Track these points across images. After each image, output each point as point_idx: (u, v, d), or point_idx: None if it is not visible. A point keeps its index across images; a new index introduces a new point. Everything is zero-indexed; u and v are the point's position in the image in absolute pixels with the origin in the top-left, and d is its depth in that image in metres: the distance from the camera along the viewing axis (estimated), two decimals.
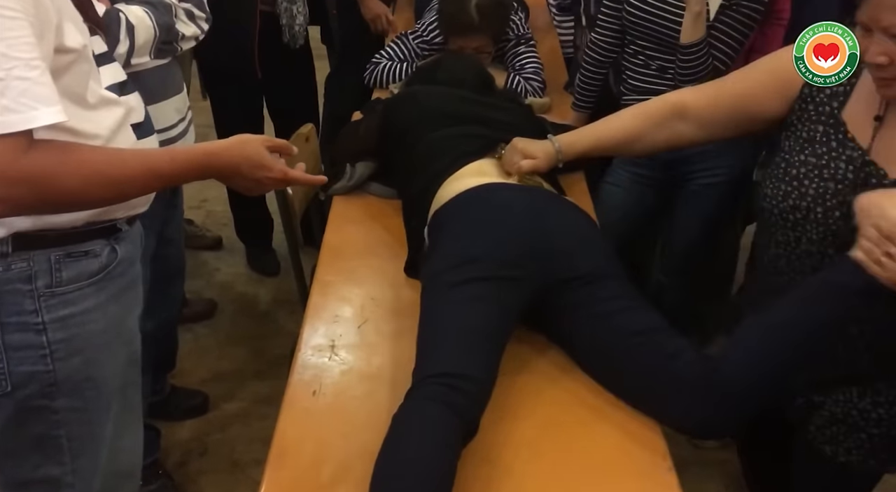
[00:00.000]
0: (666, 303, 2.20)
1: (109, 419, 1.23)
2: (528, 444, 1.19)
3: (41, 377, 1.11)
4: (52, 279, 1.10)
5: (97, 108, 1.10)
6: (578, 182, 1.90)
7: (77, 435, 1.18)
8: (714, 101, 1.35)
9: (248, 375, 2.40)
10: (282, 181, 1.23)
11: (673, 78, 1.86)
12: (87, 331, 1.14)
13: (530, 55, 2.41)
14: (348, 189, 1.86)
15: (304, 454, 1.16)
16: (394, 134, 1.78)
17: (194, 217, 3.09)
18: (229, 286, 2.83)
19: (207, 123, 2.65)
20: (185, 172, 1.14)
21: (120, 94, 1.17)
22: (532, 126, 1.78)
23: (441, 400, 1.12)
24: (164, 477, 1.96)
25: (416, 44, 2.43)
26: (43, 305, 1.09)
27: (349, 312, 1.48)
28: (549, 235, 1.36)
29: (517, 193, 1.46)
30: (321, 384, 1.30)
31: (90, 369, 1.16)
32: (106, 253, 1.16)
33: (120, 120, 1.14)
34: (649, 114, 1.43)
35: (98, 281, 1.15)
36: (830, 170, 1.16)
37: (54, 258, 1.10)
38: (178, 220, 1.91)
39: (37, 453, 1.17)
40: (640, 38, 1.90)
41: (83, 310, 1.13)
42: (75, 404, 1.16)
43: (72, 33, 1.03)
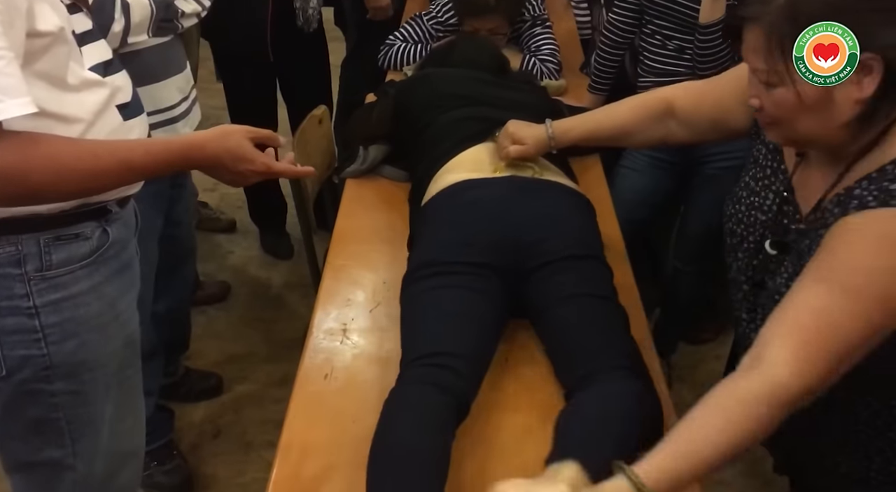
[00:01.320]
0: (682, 289, 2.19)
1: (108, 401, 1.23)
2: (528, 428, 1.18)
3: (36, 361, 1.11)
4: (42, 263, 1.09)
5: (79, 90, 1.07)
6: (594, 166, 1.88)
7: (76, 417, 1.18)
8: (697, 104, 1.30)
9: (261, 357, 2.40)
10: (265, 174, 1.19)
11: (691, 59, 1.83)
12: (81, 314, 1.13)
13: (546, 37, 2.38)
14: (361, 172, 1.84)
15: (315, 437, 1.16)
16: (406, 117, 1.76)
17: (208, 200, 3.10)
18: (243, 269, 2.84)
19: (221, 106, 2.65)
20: (161, 165, 1.11)
21: (105, 74, 1.15)
22: (547, 108, 1.75)
23: (430, 381, 1.12)
24: (178, 458, 1.97)
25: (431, 25, 2.41)
26: (34, 289, 1.08)
27: (361, 295, 1.47)
28: (515, 226, 1.35)
29: (486, 190, 1.44)
30: (333, 368, 1.30)
31: (86, 352, 1.15)
32: (97, 235, 1.14)
33: (104, 101, 1.11)
34: (647, 108, 1.38)
35: (90, 263, 1.14)
36: (760, 198, 1.10)
37: (44, 242, 1.08)
38: (185, 199, 1.90)
39: (37, 436, 1.18)
40: (657, 18, 1.87)
41: (76, 293, 1.12)
42: (72, 387, 1.16)
43: (46, 15, 1.00)
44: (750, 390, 0.86)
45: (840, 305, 0.87)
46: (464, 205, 1.42)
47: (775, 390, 0.85)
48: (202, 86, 2.06)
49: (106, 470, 1.27)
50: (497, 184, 1.46)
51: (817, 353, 0.86)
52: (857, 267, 0.88)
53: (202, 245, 2.60)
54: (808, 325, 0.87)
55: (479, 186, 1.46)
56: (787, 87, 0.93)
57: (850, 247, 0.90)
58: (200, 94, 1.90)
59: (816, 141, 0.98)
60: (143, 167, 1.09)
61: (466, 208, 1.41)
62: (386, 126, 1.83)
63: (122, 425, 1.28)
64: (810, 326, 0.87)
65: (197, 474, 2.00)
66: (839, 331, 0.87)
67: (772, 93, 0.95)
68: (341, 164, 1.90)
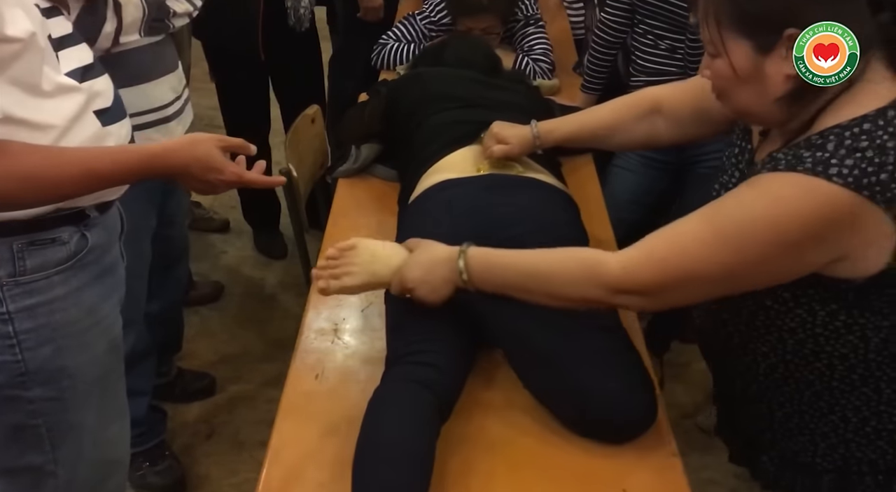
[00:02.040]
0: None
1: (90, 408, 1.21)
2: (526, 429, 1.18)
3: (10, 367, 1.10)
4: (16, 268, 1.07)
5: (53, 96, 1.05)
6: (586, 165, 1.88)
7: (55, 424, 1.17)
8: (681, 97, 1.31)
9: (254, 357, 2.40)
10: (235, 183, 1.17)
11: (683, 58, 1.84)
12: (57, 320, 1.12)
13: (539, 36, 2.38)
14: (353, 172, 1.84)
15: (306, 438, 1.16)
16: (397, 116, 1.76)
17: (202, 200, 3.09)
18: (236, 269, 2.83)
19: (215, 106, 2.64)
20: (127, 174, 1.10)
21: (82, 78, 1.12)
22: (539, 108, 1.76)
23: (413, 379, 1.12)
24: (171, 458, 1.97)
25: (424, 25, 2.41)
26: (7, 295, 1.07)
27: (353, 296, 1.47)
28: (492, 221, 1.34)
29: (464, 188, 1.44)
30: (324, 368, 1.29)
31: (63, 359, 1.14)
32: (75, 240, 1.13)
33: (79, 108, 1.09)
34: (629, 107, 1.39)
35: (67, 269, 1.12)
36: (728, 176, 1.12)
37: (17, 247, 1.07)
38: (178, 198, 1.89)
39: (16, 443, 1.16)
40: (649, 17, 1.87)
41: (51, 298, 1.11)
42: (50, 394, 1.14)
43: (16, 21, 0.98)
44: (583, 256, 1.06)
45: (698, 234, 0.95)
46: (442, 202, 1.42)
47: (598, 267, 1.02)
48: (196, 85, 2.06)
49: (90, 478, 1.26)
50: (475, 181, 1.47)
51: (655, 263, 0.98)
52: (731, 212, 0.94)
53: (195, 245, 2.60)
54: (664, 239, 0.99)
55: (459, 184, 1.46)
56: (723, 58, 0.95)
57: (738, 195, 0.94)
58: (194, 93, 1.90)
59: (755, 115, 0.99)
60: (109, 176, 1.08)
61: (444, 206, 1.41)
62: (378, 125, 1.82)
63: (105, 433, 1.26)
64: (664, 240, 0.99)
65: (189, 474, 1.99)
66: (686, 255, 0.95)
67: (714, 63, 0.97)
68: (333, 163, 1.90)
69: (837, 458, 1.06)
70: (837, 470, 1.07)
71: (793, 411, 1.07)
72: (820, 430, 1.06)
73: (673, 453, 1.14)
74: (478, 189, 1.44)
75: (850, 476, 1.06)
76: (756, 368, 1.07)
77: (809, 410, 1.05)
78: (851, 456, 1.05)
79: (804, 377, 1.03)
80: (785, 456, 1.11)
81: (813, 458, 1.08)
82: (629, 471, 1.11)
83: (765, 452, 1.14)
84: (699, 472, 1.94)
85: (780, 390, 1.06)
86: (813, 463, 1.08)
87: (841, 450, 1.06)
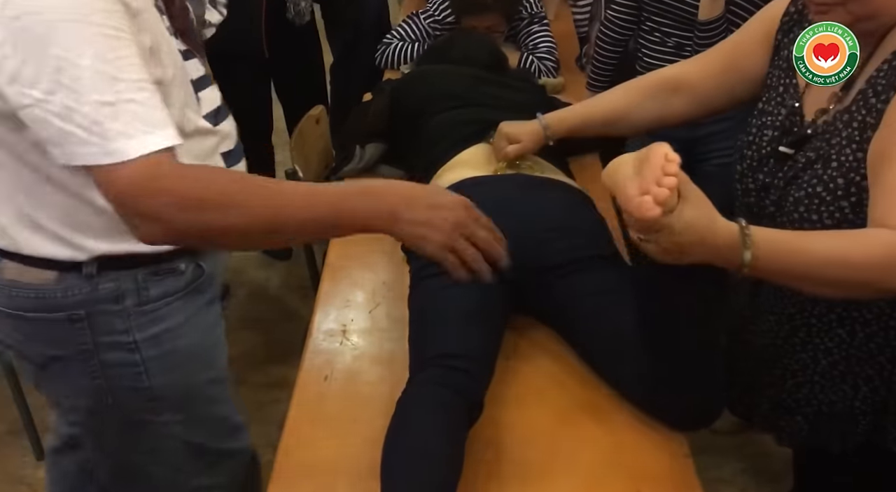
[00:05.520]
0: None
1: (204, 429, 1.22)
2: (542, 430, 1.17)
3: (142, 393, 1.12)
4: (140, 297, 1.08)
5: (191, 137, 1.05)
6: (593, 165, 1.87)
7: (184, 444, 1.19)
8: (705, 66, 1.30)
9: (259, 359, 2.39)
10: None
11: (691, 55, 1.82)
12: (179, 346, 1.13)
13: (544, 34, 2.38)
14: (358, 171, 1.84)
15: (315, 439, 1.16)
16: (402, 115, 1.76)
17: None
18: (241, 270, 2.82)
19: None
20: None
21: (216, 122, 1.14)
22: (545, 106, 1.74)
23: (443, 383, 1.11)
24: None
25: (428, 24, 2.40)
26: (133, 324, 1.08)
27: (361, 296, 1.47)
28: (525, 223, 1.32)
29: (491, 188, 1.43)
30: (333, 369, 1.29)
31: (188, 380, 1.15)
32: (191, 270, 1.14)
33: (210, 150, 1.11)
34: (640, 88, 1.38)
35: (185, 296, 1.13)
36: (772, 117, 1.12)
37: (141, 277, 1.08)
38: None
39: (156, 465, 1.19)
40: (656, 15, 1.86)
41: (173, 325, 1.12)
42: (178, 418, 1.16)
43: (160, 61, 0.98)
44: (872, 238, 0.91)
45: None
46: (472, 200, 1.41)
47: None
48: None
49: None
50: (501, 181, 1.45)
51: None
52: None
53: None
54: None
55: (484, 183, 1.44)
56: None
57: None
58: None
59: (882, 15, 0.95)
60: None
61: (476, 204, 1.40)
62: (382, 123, 1.82)
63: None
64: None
65: None
66: None
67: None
68: (338, 164, 1.90)
69: (878, 400, 1.09)
70: (875, 412, 1.10)
71: (840, 357, 1.08)
72: (864, 373, 1.08)
73: (686, 454, 1.14)
74: (507, 189, 1.43)
75: (888, 416, 1.10)
76: (812, 308, 1.08)
77: (858, 353, 1.07)
78: (891, 395, 1.09)
79: (861, 317, 1.05)
80: (821, 410, 1.13)
81: (852, 402, 1.10)
82: (643, 472, 1.11)
83: (798, 412, 1.16)
84: (709, 471, 1.94)
85: (833, 333, 1.08)
86: (852, 408, 1.11)
87: (883, 392, 1.08)
